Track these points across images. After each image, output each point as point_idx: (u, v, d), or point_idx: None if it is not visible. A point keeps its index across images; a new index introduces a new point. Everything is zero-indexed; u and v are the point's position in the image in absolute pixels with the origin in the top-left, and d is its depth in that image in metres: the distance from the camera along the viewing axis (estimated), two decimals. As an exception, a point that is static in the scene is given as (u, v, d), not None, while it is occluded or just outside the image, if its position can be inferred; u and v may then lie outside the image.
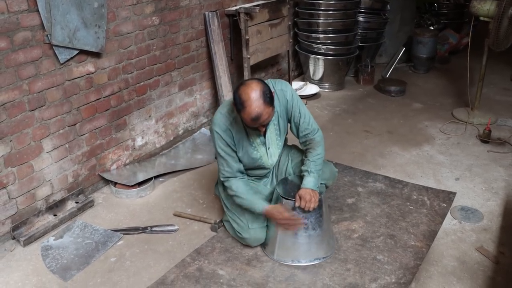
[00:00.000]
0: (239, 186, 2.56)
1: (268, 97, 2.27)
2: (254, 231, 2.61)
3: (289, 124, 2.68)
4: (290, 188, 2.66)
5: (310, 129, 2.57)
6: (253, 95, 2.23)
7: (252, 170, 2.72)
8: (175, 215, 3.05)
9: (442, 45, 6.24)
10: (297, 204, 2.45)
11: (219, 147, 2.52)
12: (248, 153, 2.57)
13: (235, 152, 2.55)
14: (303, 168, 2.57)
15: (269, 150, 2.61)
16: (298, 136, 2.65)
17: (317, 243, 2.56)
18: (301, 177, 2.56)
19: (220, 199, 2.87)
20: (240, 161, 2.60)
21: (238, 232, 2.66)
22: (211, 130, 2.55)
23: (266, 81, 2.51)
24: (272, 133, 2.59)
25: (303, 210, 2.46)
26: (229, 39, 4.33)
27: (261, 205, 2.52)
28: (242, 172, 2.62)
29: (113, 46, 3.20)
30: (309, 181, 2.50)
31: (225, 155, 2.53)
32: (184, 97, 3.98)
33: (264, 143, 2.58)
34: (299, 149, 2.80)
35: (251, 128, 2.44)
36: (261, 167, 2.68)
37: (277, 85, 2.53)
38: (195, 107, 4.14)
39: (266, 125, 2.42)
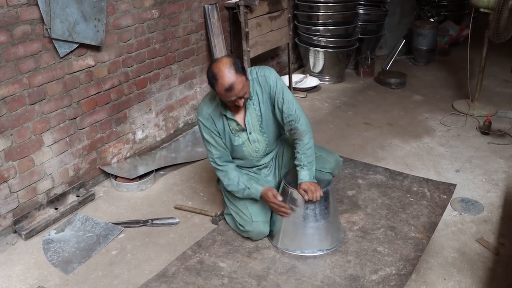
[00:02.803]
0: (233, 173, 2.61)
1: (240, 67, 2.31)
2: (257, 224, 2.62)
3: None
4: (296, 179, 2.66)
5: (294, 115, 2.52)
6: (223, 66, 2.29)
7: (242, 161, 2.71)
8: (175, 208, 3.06)
9: (442, 37, 6.21)
10: (306, 198, 2.46)
11: (206, 134, 2.57)
12: (231, 140, 2.59)
13: (221, 139, 2.58)
14: (295, 162, 2.56)
15: (251, 135, 2.60)
16: (283, 124, 2.60)
17: (321, 234, 2.58)
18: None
19: (222, 193, 2.87)
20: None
21: (241, 225, 2.66)
22: (197, 120, 2.60)
23: (250, 68, 2.55)
24: (253, 118, 2.57)
25: (311, 202, 2.49)
26: (229, 32, 4.32)
27: (259, 187, 2.58)
28: (232, 161, 2.65)
29: (112, 40, 3.19)
30: (305, 175, 2.51)
31: (213, 142, 2.57)
32: (184, 90, 3.97)
33: (243, 130, 2.57)
34: None
35: (229, 104, 2.44)
36: (248, 156, 2.67)
37: (260, 71, 2.53)
38: (195, 100, 4.13)
39: (243, 98, 2.38)
